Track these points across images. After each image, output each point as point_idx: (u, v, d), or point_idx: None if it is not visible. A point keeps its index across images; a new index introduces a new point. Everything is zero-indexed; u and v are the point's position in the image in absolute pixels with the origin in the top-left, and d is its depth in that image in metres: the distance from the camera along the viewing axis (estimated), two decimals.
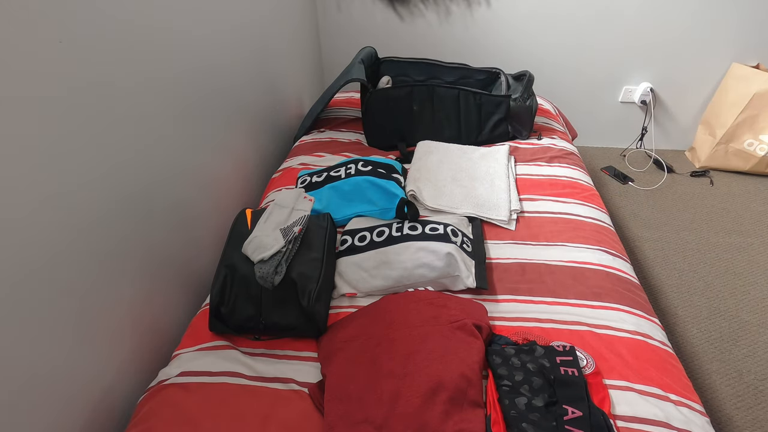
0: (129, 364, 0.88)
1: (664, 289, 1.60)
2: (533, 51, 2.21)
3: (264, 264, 0.86)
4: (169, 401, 0.78)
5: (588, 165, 2.32)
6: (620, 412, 0.76)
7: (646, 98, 2.27)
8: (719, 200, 2.05)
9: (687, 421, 0.76)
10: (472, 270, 1.00)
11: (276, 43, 1.64)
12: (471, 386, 0.76)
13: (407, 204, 1.11)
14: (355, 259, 1.02)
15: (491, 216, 1.18)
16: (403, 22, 2.19)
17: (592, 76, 2.26)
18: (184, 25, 1.02)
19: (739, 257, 1.73)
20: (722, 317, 1.49)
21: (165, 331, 1.00)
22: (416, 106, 1.52)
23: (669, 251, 1.77)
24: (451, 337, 0.82)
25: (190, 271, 1.10)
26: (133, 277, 0.88)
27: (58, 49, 0.67)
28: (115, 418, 0.85)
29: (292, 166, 1.45)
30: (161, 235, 0.97)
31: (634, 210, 2.00)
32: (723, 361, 1.36)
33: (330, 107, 1.83)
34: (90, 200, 0.75)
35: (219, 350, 0.88)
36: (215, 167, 1.21)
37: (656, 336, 0.91)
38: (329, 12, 2.20)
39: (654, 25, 2.08)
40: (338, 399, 0.75)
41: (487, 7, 2.11)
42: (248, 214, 1.01)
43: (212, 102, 1.17)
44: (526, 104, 1.51)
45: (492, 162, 1.38)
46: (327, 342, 0.87)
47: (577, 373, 0.78)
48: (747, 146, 2.12)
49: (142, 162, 0.89)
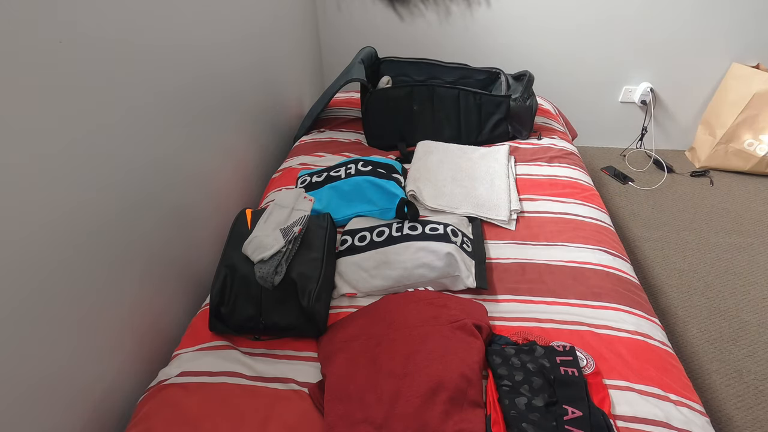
0: (129, 364, 0.88)
1: (664, 289, 1.60)
2: (533, 51, 2.21)
3: (264, 264, 0.86)
4: (169, 401, 0.78)
5: (588, 165, 2.32)
6: (620, 412, 0.76)
7: (646, 98, 2.27)
8: (719, 200, 2.05)
9: (687, 421, 0.76)
10: (472, 270, 1.00)
11: (276, 44, 1.64)
12: (471, 386, 0.76)
13: (407, 204, 1.11)
14: (355, 259, 1.02)
15: (491, 216, 1.18)
16: (403, 22, 2.19)
17: (592, 76, 2.26)
18: (184, 26, 1.02)
19: (739, 257, 1.73)
20: (722, 317, 1.49)
21: (165, 331, 1.00)
22: (416, 106, 1.52)
23: (669, 251, 1.77)
24: (451, 337, 0.82)
25: (190, 271, 1.10)
26: (133, 277, 0.88)
27: (58, 50, 0.67)
28: (115, 418, 0.85)
29: (292, 166, 1.45)
30: (161, 235, 0.97)
31: (634, 210, 2.00)
32: (723, 361, 1.36)
33: (330, 107, 1.83)
34: (91, 202, 0.75)
35: (219, 350, 0.88)
36: (215, 167, 1.21)
37: (656, 336, 0.91)
38: (329, 12, 2.20)
39: (654, 25, 2.08)
40: (338, 399, 0.75)
41: (487, 7, 2.11)
42: (248, 214, 1.01)
43: (212, 102, 1.17)
44: (526, 104, 1.51)
45: (492, 162, 1.38)
46: (327, 342, 0.87)
47: (577, 373, 0.78)
48: (747, 146, 2.12)
49: (142, 163, 0.89)
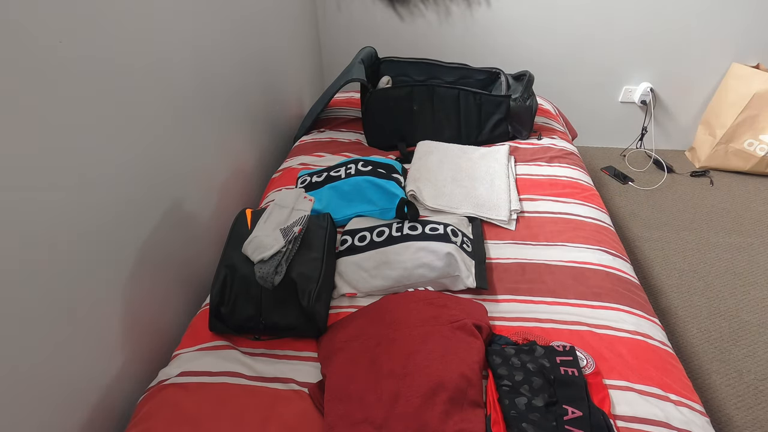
0: (129, 364, 0.88)
1: (664, 289, 1.60)
2: (533, 51, 2.21)
3: (264, 264, 0.86)
4: (169, 401, 0.78)
5: (588, 165, 2.32)
6: (620, 412, 0.76)
7: (646, 98, 2.26)
8: (719, 200, 2.05)
9: (687, 421, 0.76)
10: (472, 270, 1.00)
11: (276, 44, 1.64)
12: (471, 386, 0.76)
13: (407, 204, 1.11)
14: (355, 259, 1.02)
15: (491, 216, 1.18)
16: (403, 22, 2.19)
17: (592, 76, 2.26)
18: (183, 25, 1.02)
19: (739, 257, 1.73)
20: (722, 317, 1.49)
21: (165, 331, 1.00)
22: (416, 106, 1.52)
23: (669, 251, 1.77)
24: (451, 337, 0.82)
25: (189, 271, 1.10)
26: (133, 277, 0.88)
27: (58, 50, 0.67)
28: (115, 418, 0.85)
29: (292, 166, 1.45)
30: (161, 235, 0.97)
31: (634, 210, 2.00)
32: (723, 361, 1.36)
33: (330, 107, 1.83)
34: (91, 201, 0.75)
35: (219, 350, 0.88)
36: (215, 167, 1.21)
37: (656, 336, 0.91)
38: (329, 12, 2.20)
39: (654, 25, 2.08)
40: (338, 399, 0.75)
41: (487, 7, 2.11)
42: (248, 214, 1.01)
43: (212, 102, 1.17)
44: (526, 104, 1.51)
45: (492, 162, 1.38)
46: (327, 342, 0.87)
47: (577, 373, 0.78)
48: (747, 146, 2.12)
49: (142, 163, 0.89)
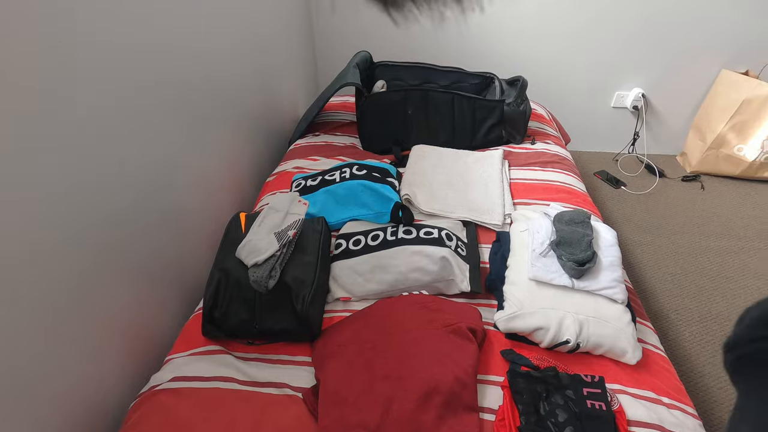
0: (121, 369, 0.87)
1: (657, 292, 1.61)
2: (527, 56, 2.23)
3: (258, 268, 0.86)
4: (160, 407, 0.77)
5: (581, 169, 2.34)
6: None
7: (637, 104, 2.29)
8: (710, 204, 2.08)
9: (680, 424, 0.76)
10: (467, 274, 1.01)
11: (271, 48, 1.64)
12: (465, 390, 0.76)
13: (402, 208, 1.12)
14: (349, 263, 1.02)
15: (485, 220, 1.19)
16: (398, 27, 2.19)
17: (584, 81, 2.28)
18: (179, 29, 1.02)
19: (730, 261, 1.75)
20: (714, 320, 1.50)
21: (157, 335, 0.99)
22: (411, 110, 1.52)
23: (661, 255, 1.78)
24: (445, 341, 0.82)
25: (183, 275, 1.09)
26: (125, 280, 0.87)
27: (58, 50, 0.67)
28: (106, 424, 0.83)
29: (287, 169, 1.45)
30: (154, 238, 0.96)
31: (626, 214, 2.02)
32: (715, 364, 1.37)
33: (325, 111, 1.83)
34: (84, 204, 0.75)
35: (212, 355, 0.87)
36: (209, 171, 1.21)
37: (649, 339, 0.92)
38: (324, 17, 2.20)
39: (645, 32, 2.11)
40: (333, 403, 0.75)
41: (481, 12, 2.09)
42: (242, 217, 1.01)
43: (207, 106, 1.17)
44: (520, 109, 1.52)
45: (486, 166, 1.39)
46: (321, 346, 0.87)
47: (605, 408, 0.73)
48: (737, 151, 2.14)
49: (135, 166, 0.88)
